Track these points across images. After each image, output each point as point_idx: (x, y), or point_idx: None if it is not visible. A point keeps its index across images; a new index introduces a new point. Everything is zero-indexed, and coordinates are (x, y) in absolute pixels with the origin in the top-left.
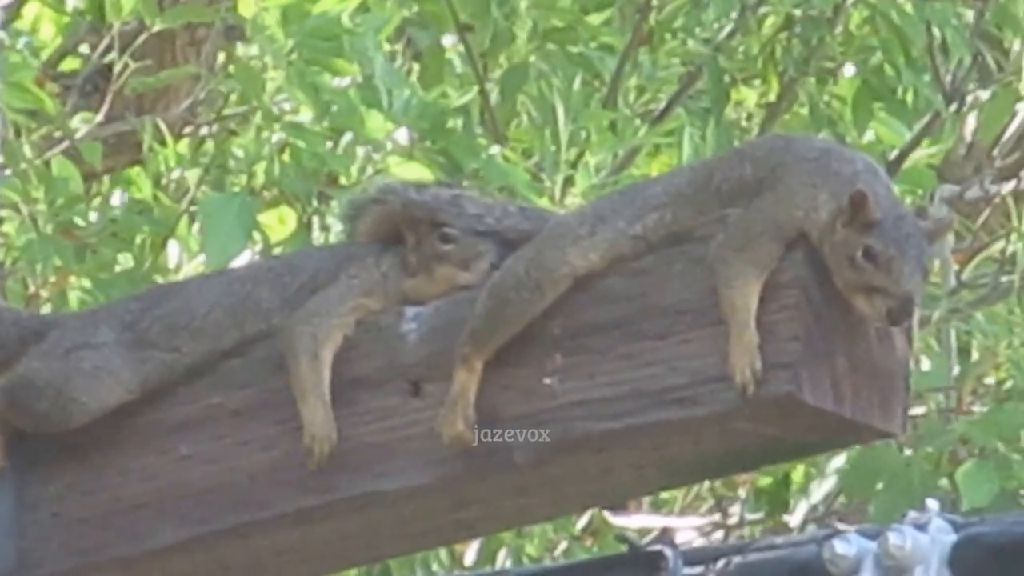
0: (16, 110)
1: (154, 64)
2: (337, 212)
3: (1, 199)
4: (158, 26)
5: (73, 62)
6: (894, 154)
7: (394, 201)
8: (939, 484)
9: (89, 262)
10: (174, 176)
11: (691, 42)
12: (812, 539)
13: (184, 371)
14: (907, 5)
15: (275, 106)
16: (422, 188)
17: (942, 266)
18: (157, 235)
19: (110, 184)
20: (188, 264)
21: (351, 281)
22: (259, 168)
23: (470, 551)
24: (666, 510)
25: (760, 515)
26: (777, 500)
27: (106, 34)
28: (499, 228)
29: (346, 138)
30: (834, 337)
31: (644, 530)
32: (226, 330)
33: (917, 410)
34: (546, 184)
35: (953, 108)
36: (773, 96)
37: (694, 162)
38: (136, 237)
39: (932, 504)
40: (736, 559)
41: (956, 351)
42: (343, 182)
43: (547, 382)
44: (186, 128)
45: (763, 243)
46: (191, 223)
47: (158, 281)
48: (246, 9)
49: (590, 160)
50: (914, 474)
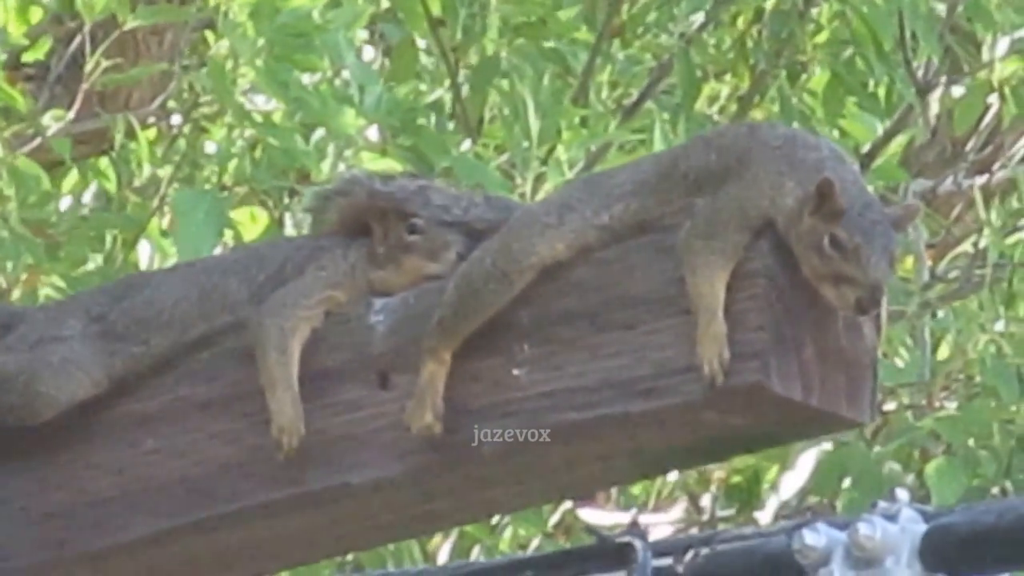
0: None
1: (117, 53)
2: (303, 206)
3: None
4: (131, 24)
5: (38, 51)
6: (866, 148)
7: (360, 192)
8: (908, 481)
9: (60, 261)
10: (146, 173)
11: (663, 36)
12: (782, 530)
13: (152, 363)
14: None
15: (247, 99)
16: (388, 179)
17: (915, 261)
18: (128, 231)
19: (80, 176)
20: (159, 263)
21: (319, 273)
22: (231, 165)
23: (443, 550)
24: (638, 505)
25: (731, 512)
26: (748, 497)
27: (69, 24)
28: (466, 219)
29: (318, 134)
30: (802, 326)
31: (616, 526)
32: (193, 322)
33: (889, 405)
34: (517, 181)
35: (924, 101)
36: (744, 89)
37: (659, 151)
38: (106, 235)
39: (902, 494)
40: (705, 550)
41: (929, 346)
42: (315, 179)
43: (515, 373)
44: (154, 119)
45: (730, 232)
46: (162, 221)
47: None
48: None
49: (562, 157)
50: (883, 471)
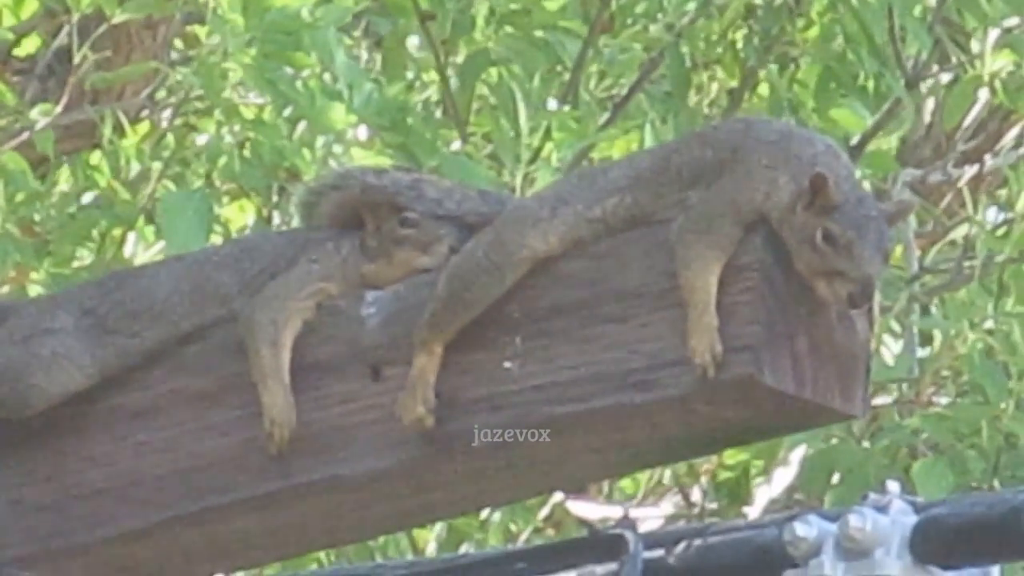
0: None
1: (110, 48)
2: (295, 201)
3: None
4: (119, 18)
5: (28, 46)
6: (856, 139)
7: (353, 186)
8: (895, 478)
9: (48, 259)
10: (134, 171)
11: (652, 28)
12: (773, 522)
13: (143, 356)
14: None
15: (236, 94)
16: (381, 173)
17: (905, 251)
18: (117, 228)
19: (69, 171)
20: (142, 254)
21: (311, 266)
22: (220, 162)
23: (431, 546)
24: (627, 500)
25: (719, 505)
26: (737, 492)
27: (62, 18)
28: (459, 212)
29: (301, 126)
30: (795, 319)
31: (605, 520)
32: (185, 315)
33: (878, 400)
34: (507, 180)
35: (914, 92)
36: (735, 83)
37: (654, 146)
38: (94, 231)
39: (893, 486)
40: (696, 542)
41: (918, 341)
42: (304, 177)
43: (507, 366)
44: (144, 112)
45: (723, 226)
46: (149, 219)
47: None
48: None
49: (552, 156)
50: (870, 468)
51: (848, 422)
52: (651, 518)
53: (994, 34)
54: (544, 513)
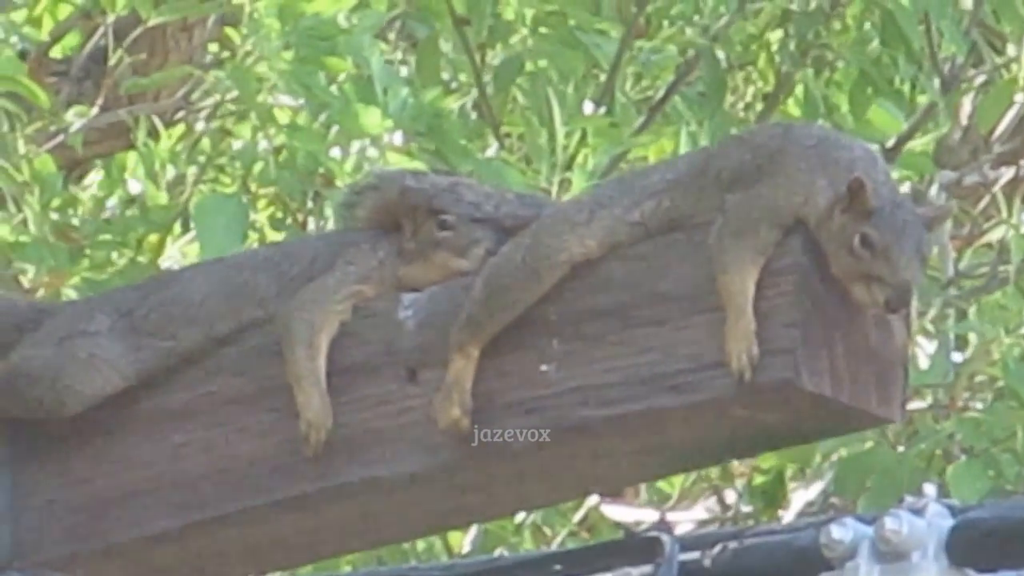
0: (3, 95)
1: (145, 50)
2: (332, 206)
3: None
4: (154, 20)
5: (65, 47)
6: (891, 141)
7: (392, 188)
8: (931, 482)
9: (84, 265)
10: (169, 175)
11: (688, 30)
12: (809, 525)
13: (180, 359)
14: None
15: (271, 97)
16: (420, 175)
17: (940, 253)
18: (153, 233)
19: (106, 175)
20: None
21: (347, 268)
22: (255, 168)
23: (466, 549)
24: (662, 502)
25: (754, 508)
26: (772, 495)
27: (98, 18)
28: (497, 215)
29: (334, 130)
30: (832, 323)
31: (640, 523)
32: (222, 318)
33: (912, 405)
34: (542, 186)
35: (950, 95)
36: (770, 87)
37: (692, 150)
38: (131, 236)
39: (929, 489)
40: (732, 545)
41: (954, 345)
42: (339, 183)
43: (544, 368)
44: (179, 114)
45: (761, 229)
46: (184, 225)
47: None
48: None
49: (589, 161)
50: (905, 472)
51: (883, 426)
52: (684, 521)
53: None
54: (578, 516)
